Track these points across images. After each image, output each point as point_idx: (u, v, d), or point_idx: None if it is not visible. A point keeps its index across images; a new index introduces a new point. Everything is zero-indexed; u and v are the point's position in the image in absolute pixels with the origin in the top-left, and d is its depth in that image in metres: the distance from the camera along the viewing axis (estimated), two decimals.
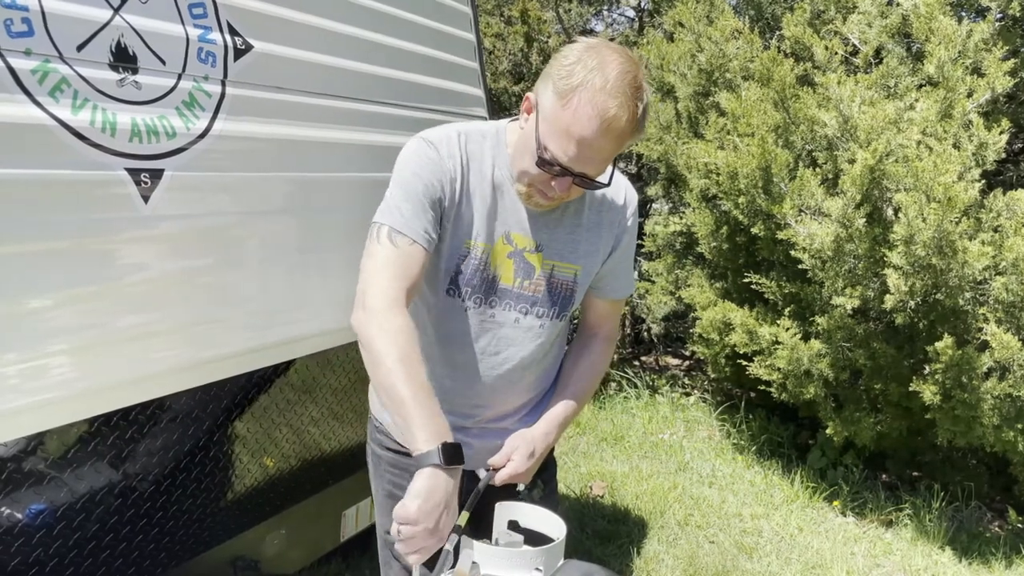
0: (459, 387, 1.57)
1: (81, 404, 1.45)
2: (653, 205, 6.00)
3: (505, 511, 1.48)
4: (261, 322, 1.77)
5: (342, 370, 2.16)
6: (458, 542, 1.32)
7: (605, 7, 6.14)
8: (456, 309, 1.52)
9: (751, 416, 4.83)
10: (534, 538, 1.44)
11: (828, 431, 3.94)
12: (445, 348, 1.56)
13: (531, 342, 1.57)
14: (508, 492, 1.51)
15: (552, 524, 1.45)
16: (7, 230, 1.26)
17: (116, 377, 1.48)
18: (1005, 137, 3.05)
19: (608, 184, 1.45)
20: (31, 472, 1.47)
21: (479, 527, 1.43)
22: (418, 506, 1.23)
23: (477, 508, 1.42)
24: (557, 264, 1.54)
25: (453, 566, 1.37)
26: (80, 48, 1.34)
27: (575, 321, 1.74)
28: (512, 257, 1.51)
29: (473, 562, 1.33)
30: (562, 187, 1.40)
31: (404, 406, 1.30)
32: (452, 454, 1.27)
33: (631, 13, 6.30)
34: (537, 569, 1.33)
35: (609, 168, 1.43)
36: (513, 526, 1.47)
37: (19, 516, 1.52)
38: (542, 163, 1.36)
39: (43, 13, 1.29)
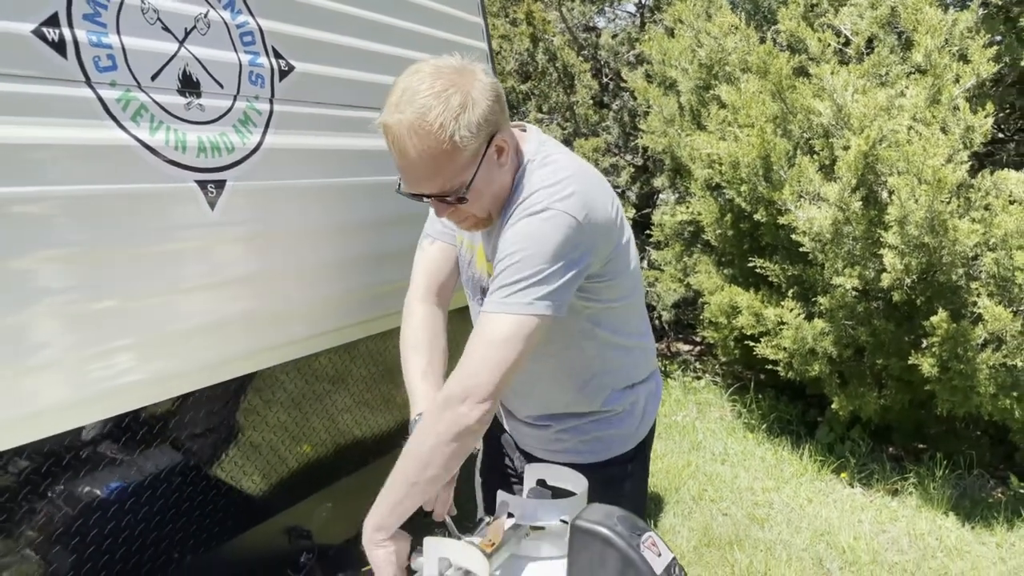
0: None
1: (165, 387, 1.66)
2: (660, 196, 6.18)
3: (533, 472, 1.67)
4: (315, 313, 1.99)
5: (380, 358, 2.36)
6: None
7: (607, 4, 6.31)
8: (468, 300, 1.75)
9: (761, 396, 5.01)
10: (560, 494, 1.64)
11: (834, 406, 4.11)
12: None
13: None
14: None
15: (575, 481, 1.65)
16: (103, 237, 1.47)
17: (192, 363, 1.69)
18: (990, 120, 3.21)
19: (462, 197, 1.40)
20: (111, 452, 1.67)
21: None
22: None
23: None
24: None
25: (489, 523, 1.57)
26: (154, 77, 1.55)
27: None
28: (489, 259, 1.63)
29: (509, 513, 1.53)
30: (439, 211, 1.46)
31: (408, 387, 1.60)
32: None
33: (632, 9, 6.46)
34: (563, 520, 1.53)
35: (469, 180, 1.38)
36: (541, 483, 1.67)
37: (99, 493, 1.72)
38: (409, 196, 1.44)
39: (124, 49, 1.49)
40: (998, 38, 3.69)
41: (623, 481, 1.76)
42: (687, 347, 6.37)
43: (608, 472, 1.72)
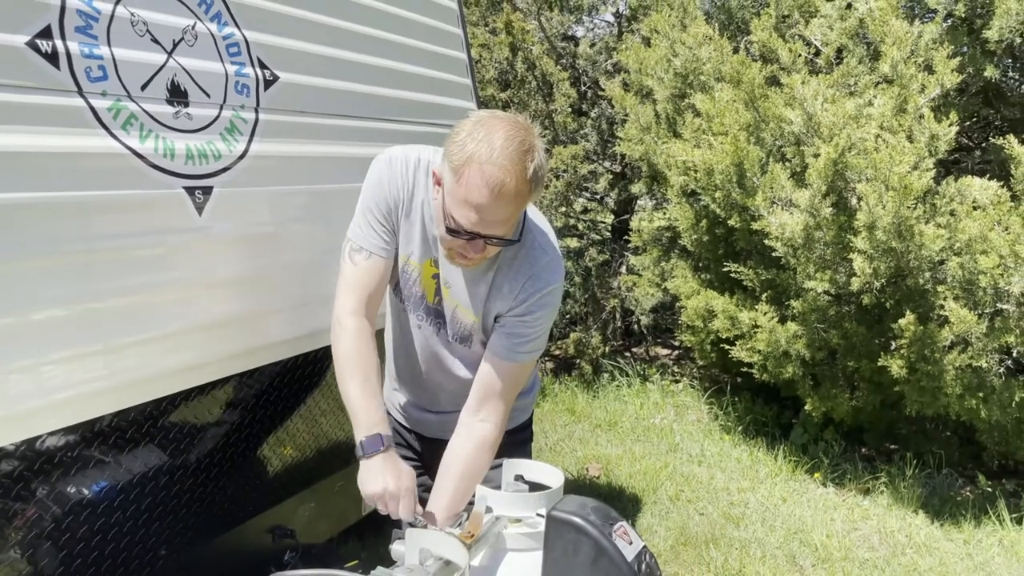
0: (414, 372, 1.91)
1: (151, 387, 1.71)
2: (638, 202, 6.27)
3: (511, 467, 1.73)
4: (296, 314, 2.04)
5: None
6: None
7: (585, 14, 6.40)
8: (400, 308, 1.84)
9: (737, 399, 5.10)
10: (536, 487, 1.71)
11: (807, 407, 4.20)
12: (400, 336, 1.88)
13: (443, 354, 1.84)
14: None
15: (551, 475, 1.71)
16: (94, 242, 1.52)
17: (179, 364, 1.74)
18: (954, 129, 3.30)
19: (518, 240, 1.61)
20: (95, 454, 1.71)
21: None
22: (365, 491, 1.62)
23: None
24: (459, 305, 1.76)
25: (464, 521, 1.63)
26: (143, 87, 1.61)
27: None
28: (435, 279, 1.76)
29: (487, 506, 1.60)
30: (476, 249, 1.55)
31: (347, 404, 1.65)
32: (369, 445, 1.61)
33: (610, 19, 6.56)
34: (539, 514, 1.59)
35: (520, 224, 1.62)
36: (519, 478, 1.73)
37: (86, 492, 1.76)
38: (451, 231, 1.53)
39: (114, 60, 1.55)
40: (963, 49, 3.80)
41: (528, 442, 2.08)
42: (665, 351, 6.46)
43: (519, 436, 2.01)
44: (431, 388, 1.93)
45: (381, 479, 1.59)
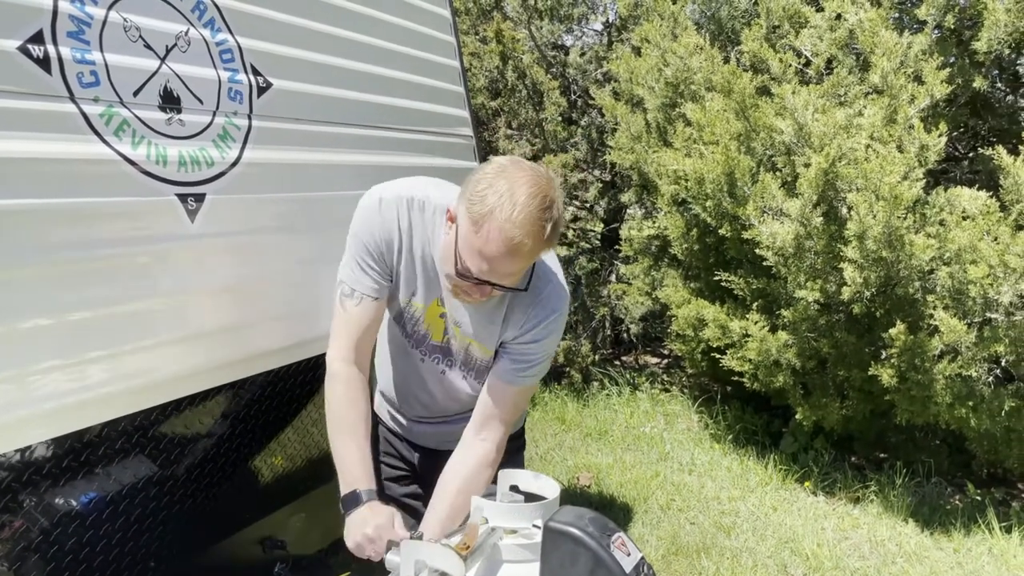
0: (417, 394, 1.91)
1: (141, 397, 1.68)
2: (628, 211, 6.27)
3: (506, 477, 1.72)
4: (288, 322, 2.02)
5: None
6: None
7: (575, 23, 6.41)
8: (401, 339, 1.83)
9: (727, 407, 5.10)
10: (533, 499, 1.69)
11: (798, 416, 4.20)
12: (401, 362, 1.88)
13: (454, 386, 1.85)
14: None
15: (547, 486, 1.70)
16: (86, 247, 1.50)
17: (170, 373, 1.72)
18: (943, 139, 3.32)
19: (524, 290, 1.63)
20: (83, 464, 1.69)
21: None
22: (350, 543, 1.62)
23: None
24: (473, 343, 1.75)
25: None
26: (136, 93, 1.59)
27: None
28: (443, 318, 1.76)
29: (483, 517, 1.58)
30: (482, 292, 1.57)
31: (334, 455, 1.66)
32: (350, 501, 1.62)
33: (599, 28, 6.57)
34: (535, 525, 1.58)
35: (528, 274, 1.63)
36: (514, 489, 1.72)
37: (74, 503, 1.73)
38: (460, 274, 1.54)
39: (106, 66, 1.53)
40: (951, 60, 3.82)
41: (521, 450, 2.12)
42: (655, 360, 6.46)
43: (513, 444, 1.98)
44: (432, 406, 1.93)
45: (359, 528, 1.60)
